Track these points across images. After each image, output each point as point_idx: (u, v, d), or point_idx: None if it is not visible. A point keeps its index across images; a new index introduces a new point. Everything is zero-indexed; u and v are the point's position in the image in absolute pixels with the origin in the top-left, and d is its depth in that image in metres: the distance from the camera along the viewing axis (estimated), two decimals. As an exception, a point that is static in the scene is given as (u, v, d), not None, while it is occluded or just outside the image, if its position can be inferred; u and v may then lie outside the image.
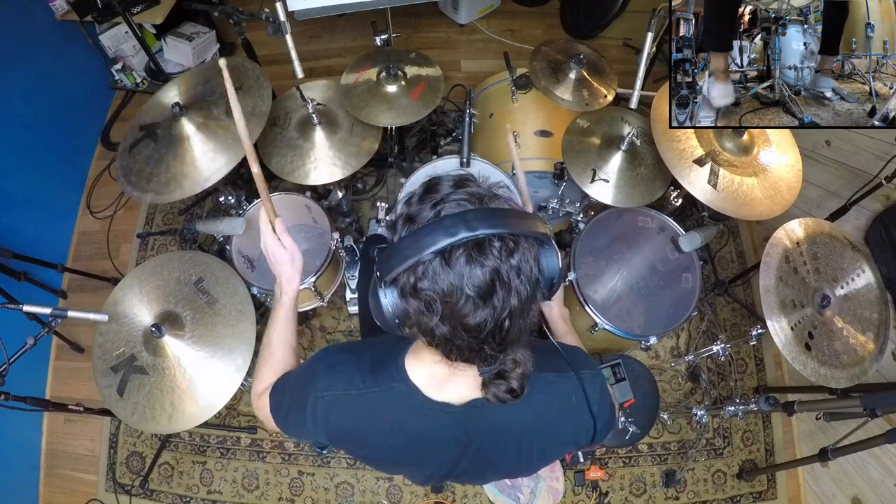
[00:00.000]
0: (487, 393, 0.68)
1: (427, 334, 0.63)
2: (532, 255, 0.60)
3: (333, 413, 0.77)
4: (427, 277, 0.57)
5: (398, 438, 0.77)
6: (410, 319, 0.62)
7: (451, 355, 0.65)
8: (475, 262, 0.56)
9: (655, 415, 1.66)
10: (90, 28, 2.46)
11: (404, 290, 0.60)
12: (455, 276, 0.56)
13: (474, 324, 0.58)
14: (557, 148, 1.71)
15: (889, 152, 1.66)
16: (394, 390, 0.74)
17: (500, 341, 0.62)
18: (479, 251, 0.56)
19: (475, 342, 0.61)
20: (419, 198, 0.64)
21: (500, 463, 0.83)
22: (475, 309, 0.57)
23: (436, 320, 0.59)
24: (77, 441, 2.05)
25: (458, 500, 1.90)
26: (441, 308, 0.58)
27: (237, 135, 1.50)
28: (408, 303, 0.61)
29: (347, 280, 2.01)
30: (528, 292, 0.60)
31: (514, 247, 0.58)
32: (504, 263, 0.57)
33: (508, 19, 3.09)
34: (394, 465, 0.88)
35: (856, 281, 1.46)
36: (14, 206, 2.09)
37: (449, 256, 0.56)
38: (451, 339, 0.61)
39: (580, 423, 0.79)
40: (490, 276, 0.56)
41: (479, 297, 0.57)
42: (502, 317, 0.59)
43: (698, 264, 1.65)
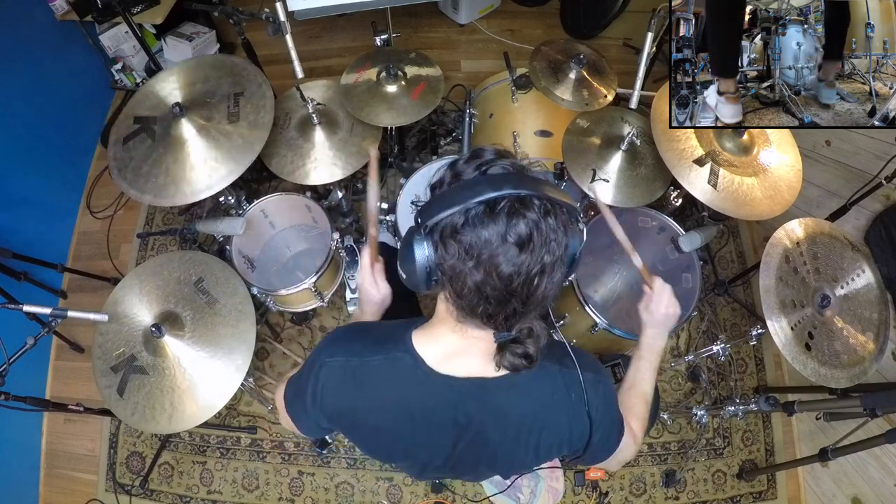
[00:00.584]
0: (502, 360, 0.69)
1: (458, 281, 0.64)
2: (563, 223, 0.63)
3: (333, 380, 0.76)
4: (470, 223, 0.60)
5: (398, 415, 0.77)
6: (445, 265, 0.64)
7: (476, 308, 0.66)
8: (517, 214, 0.59)
9: (655, 415, 1.66)
10: (90, 28, 2.46)
11: (444, 235, 0.62)
12: (498, 224, 0.59)
13: (508, 272, 0.60)
14: (557, 148, 1.71)
15: (889, 152, 1.66)
16: (398, 359, 0.74)
17: (528, 296, 0.63)
18: (521, 205, 0.60)
19: (505, 291, 0.62)
20: (465, 161, 0.67)
21: (497, 450, 0.82)
22: (511, 257, 0.60)
23: (470, 265, 0.61)
24: (77, 441, 2.05)
25: (458, 500, 1.90)
26: (479, 252, 0.60)
27: (240, 144, 1.52)
28: (446, 248, 0.63)
29: (347, 280, 2.01)
30: (559, 253, 0.63)
31: (550, 209, 0.62)
32: (543, 220, 0.60)
33: (508, 19, 3.09)
34: (390, 448, 0.87)
35: (856, 281, 1.46)
36: (14, 206, 2.09)
37: (494, 206, 0.59)
38: (482, 287, 0.62)
39: (576, 421, 0.79)
40: (529, 228, 0.60)
41: (517, 244, 0.60)
42: (534, 270, 0.61)
43: (698, 264, 1.65)
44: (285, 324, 2.16)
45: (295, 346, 2.13)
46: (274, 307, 1.87)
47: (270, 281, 1.97)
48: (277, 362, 2.11)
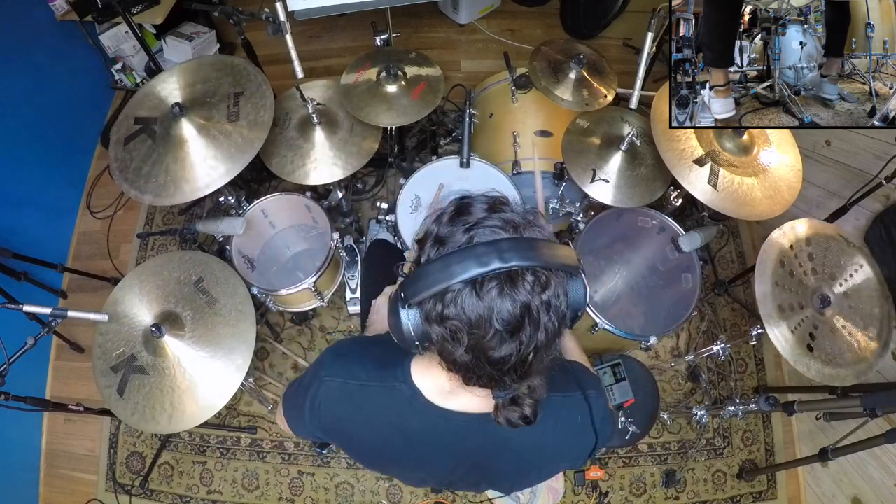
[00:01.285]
0: (500, 416, 0.67)
1: (448, 360, 0.62)
2: (563, 289, 0.59)
3: (330, 399, 0.76)
4: (455, 305, 0.56)
5: (394, 437, 0.77)
6: (433, 343, 0.62)
7: (468, 381, 0.64)
8: (506, 296, 0.55)
9: (655, 415, 1.66)
10: (90, 28, 2.46)
11: (429, 316, 0.59)
12: (484, 308, 0.55)
13: (499, 357, 0.58)
14: (557, 148, 1.71)
15: (889, 152, 1.66)
16: (395, 389, 0.74)
17: (522, 374, 0.61)
18: (511, 284, 0.55)
19: (497, 373, 0.60)
20: (450, 218, 0.62)
21: (498, 478, 0.82)
22: (501, 343, 0.56)
23: (460, 350, 0.59)
24: (77, 441, 2.05)
25: (458, 500, 1.90)
26: (467, 339, 0.57)
27: (240, 143, 1.52)
28: (431, 328, 0.60)
29: (347, 280, 2.01)
30: (555, 328, 0.59)
31: (546, 281, 0.57)
32: (535, 298, 0.56)
33: (508, 19, 3.09)
34: (385, 465, 0.87)
35: (854, 277, 1.46)
36: (14, 206, 2.09)
37: (480, 287, 0.55)
38: (473, 368, 0.60)
39: (582, 443, 0.79)
40: (521, 311, 0.55)
41: (507, 331, 0.56)
42: (528, 352, 0.58)
43: (698, 264, 1.65)
44: (285, 324, 2.16)
45: (295, 346, 2.13)
46: (274, 307, 1.87)
47: (270, 281, 1.97)
48: (277, 362, 2.11)
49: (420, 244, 0.64)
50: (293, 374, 2.09)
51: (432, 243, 0.62)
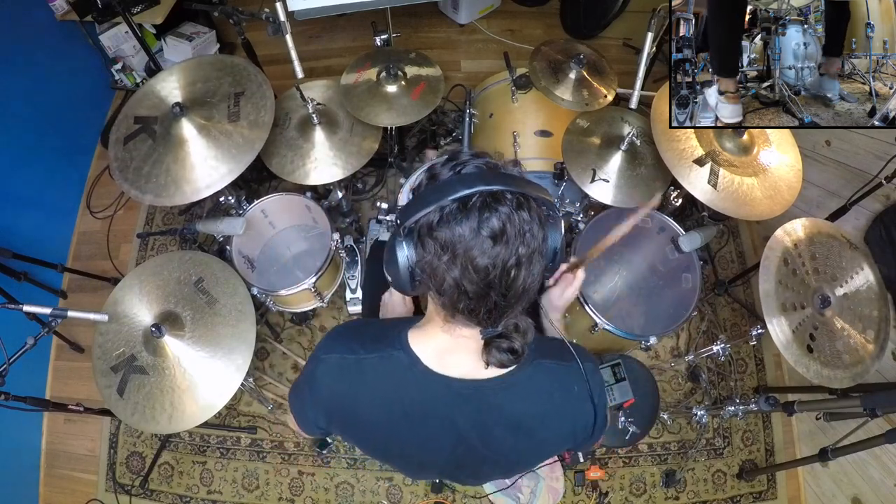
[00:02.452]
0: (489, 356, 0.69)
1: (437, 277, 0.65)
2: (539, 216, 0.65)
3: (328, 376, 0.77)
4: (444, 221, 0.62)
5: (394, 411, 0.77)
6: (423, 262, 0.65)
7: (458, 304, 0.66)
8: (490, 208, 0.61)
9: (655, 415, 1.66)
10: (90, 28, 2.46)
11: (421, 234, 0.64)
12: (471, 219, 0.61)
13: (483, 265, 0.62)
14: (557, 148, 1.71)
15: (889, 152, 1.66)
16: (393, 357, 0.75)
17: (506, 289, 0.64)
18: (493, 199, 0.61)
19: (482, 285, 0.63)
20: (441, 164, 0.69)
21: (499, 453, 0.81)
22: (486, 249, 0.61)
23: (446, 260, 0.63)
24: (77, 441, 2.05)
25: (458, 500, 1.90)
26: (454, 247, 0.62)
27: (240, 143, 1.52)
28: (424, 246, 0.64)
29: (347, 280, 2.01)
30: (534, 245, 0.64)
31: (523, 202, 0.63)
32: (515, 213, 0.62)
33: (508, 19, 3.09)
34: (386, 446, 0.86)
35: (854, 279, 1.46)
36: (14, 206, 2.09)
37: (466, 202, 0.61)
38: (460, 281, 0.63)
39: (580, 414, 0.79)
40: (502, 220, 0.61)
41: (490, 237, 0.61)
42: (510, 262, 0.62)
43: (698, 264, 1.65)
44: (285, 324, 2.16)
45: (295, 346, 2.13)
46: (274, 307, 1.87)
47: (270, 281, 1.97)
48: (277, 362, 2.11)
49: (416, 190, 0.70)
50: (293, 374, 2.09)
51: (426, 180, 0.69)
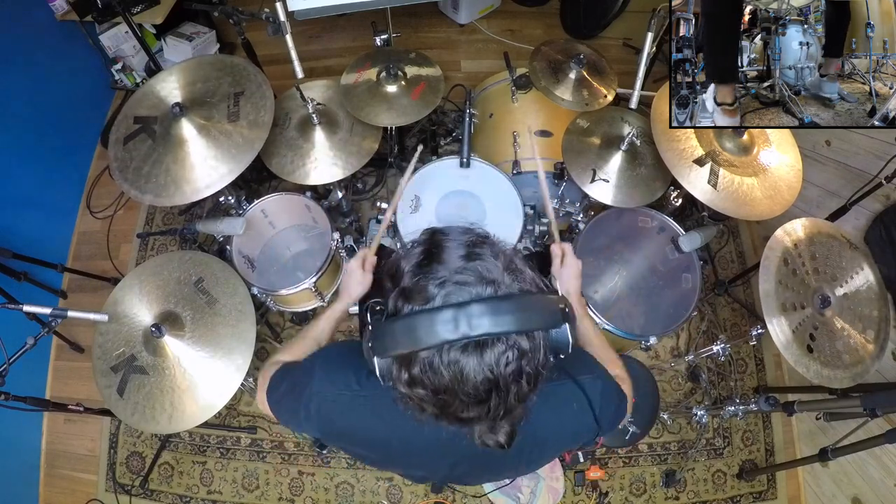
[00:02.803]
0: (475, 437, 0.65)
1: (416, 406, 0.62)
2: (542, 345, 0.57)
3: (326, 411, 0.77)
4: (421, 371, 0.55)
5: (391, 442, 0.77)
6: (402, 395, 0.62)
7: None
8: (474, 367, 0.53)
9: (655, 415, 1.66)
10: (90, 28, 2.46)
11: (398, 370, 0.59)
12: (449, 378, 0.54)
13: (466, 417, 0.58)
14: (557, 148, 1.71)
15: (889, 152, 1.66)
16: (387, 394, 0.73)
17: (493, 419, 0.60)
18: (479, 354, 0.53)
19: (464, 427, 0.62)
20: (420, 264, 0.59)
21: (498, 469, 0.82)
22: (467, 408, 0.56)
23: (428, 409, 0.59)
24: (77, 441, 2.05)
25: (458, 500, 1.90)
26: (433, 400, 0.57)
27: (240, 143, 1.52)
28: (399, 382, 0.59)
29: (347, 280, 2.00)
30: (528, 389, 0.57)
31: (519, 347, 0.54)
32: (505, 369, 0.54)
33: (508, 19, 3.09)
34: (386, 466, 0.88)
35: (854, 279, 1.46)
36: (14, 206, 2.09)
37: (447, 353, 0.53)
38: (440, 418, 0.60)
39: (582, 426, 0.78)
40: (487, 385, 0.54)
41: (476, 402, 0.55)
42: (498, 414, 0.58)
43: (698, 264, 1.65)
44: (285, 324, 2.16)
45: (295, 346, 2.13)
46: (274, 307, 1.87)
47: (270, 281, 1.97)
48: (277, 362, 2.11)
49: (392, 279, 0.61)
50: (293, 374, 2.08)
51: (398, 295, 0.58)
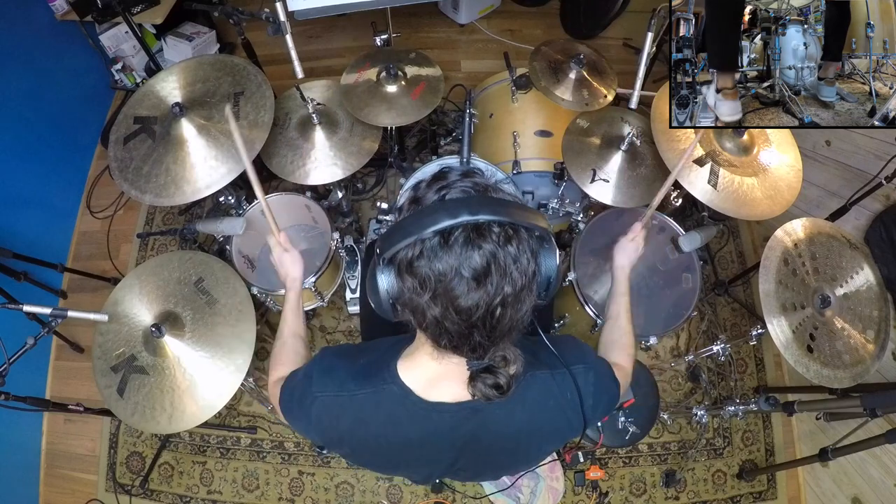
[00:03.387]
0: (474, 389, 0.67)
1: (418, 314, 0.63)
2: (529, 247, 0.61)
3: (326, 414, 0.77)
4: (424, 255, 0.58)
5: (391, 441, 0.77)
6: (403, 297, 0.63)
7: (440, 341, 0.65)
8: (473, 245, 0.57)
9: (655, 415, 1.66)
10: (90, 28, 2.46)
11: (401, 267, 0.61)
12: (452, 257, 0.57)
13: (466, 306, 0.59)
14: (557, 148, 1.71)
15: (889, 152, 1.66)
16: (385, 391, 0.74)
17: (490, 329, 0.62)
18: (477, 234, 0.57)
19: (465, 326, 0.61)
20: (427, 184, 0.66)
21: (498, 461, 0.83)
22: (468, 291, 0.58)
23: (427, 298, 0.60)
24: (77, 441, 2.05)
25: (458, 500, 1.90)
26: (434, 286, 0.59)
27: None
28: (403, 281, 0.62)
29: (347, 280, 2.01)
30: (522, 282, 0.60)
31: (512, 234, 0.59)
32: (501, 249, 0.58)
33: (508, 19, 3.09)
34: (389, 467, 0.89)
35: (855, 279, 1.46)
36: (14, 206, 2.09)
37: (448, 236, 0.57)
38: (441, 321, 0.61)
39: (576, 416, 0.79)
40: (486, 259, 0.57)
41: (474, 278, 0.58)
42: (494, 302, 0.59)
43: (698, 264, 1.65)
44: (285, 324, 2.16)
45: (295, 346, 2.13)
46: (274, 307, 1.87)
47: (270, 281, 1.96)
48: (277, 362, 2.11)
49: (399, 211, 0.68)
50: (293, 374, 2.09)
51: (409, 205, 0.66)
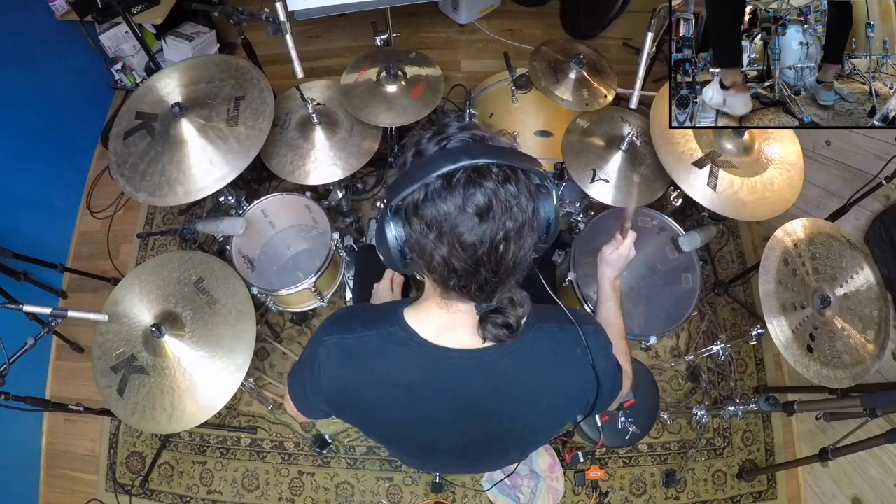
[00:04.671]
0: (484, 332, 0.69)
1: (426, 256, 0.64)
2: (527, 188, 0.63)
3: (330, 359, 0.77)
4: (429, 198, 0.61)
5: (395, 387, 0.77)
6: (411, 242, 0.65)
7: (448, 282, 0.66)
8: (474, 184, 0.60)
9: (655, 415, 1.66)
10: (90, 28, 2.46)
11: (407, 212, 0.63)
12: (456, 196, 0.60)
13: (471, 241, 0.61)
14: (557, 148, 1.71)
15: (889, 152, 1.66)
16: (391, 333, 0.75)
17: (496, 264, 0.64)
18: (478, 174, 0.60)
19: (471, 262, 0.63)
20: (427, 139, 0.68)
21: (506, 423, 0.81)
22: (472, 226, 0.61)
23: (433, 238, 0.62)
24: (77, 441, 2.05)
25: (458, 500, 1.90)
26: (440, 225, 0.61)
27: (236, 148, 1.52)
28: (410, 225, 0.64)
29: (347, 280, 2.01)
30: (523, 218, 0.63)
31: (510, 174, 0.62)
32: (501, 187, 0.61)
33: (508, 19, 3.09)
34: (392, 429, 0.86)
35: (855, 279, 1.46)
36: (14, 206, 2.09)
37: (451, 178, 0.60)
38: (449, 259, 0.63)
39: (586, 376, 0.78)
40: (488, 196, 0.60)
41: (477, 214, 0.60)
42: (498, 237, 0.61)
43: (698, 264, 1.65)
44: (285, 324, 2.16)
45: (295, 346, 2.13)
46: (274, 307, 1.87)
47: (270, 281, 1.97)
48: (277, 362, 2.11)
49: (402, 165, 0.70)
50: (293, 374, 2.09)
51: (412, 157, 0.68)
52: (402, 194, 0.63)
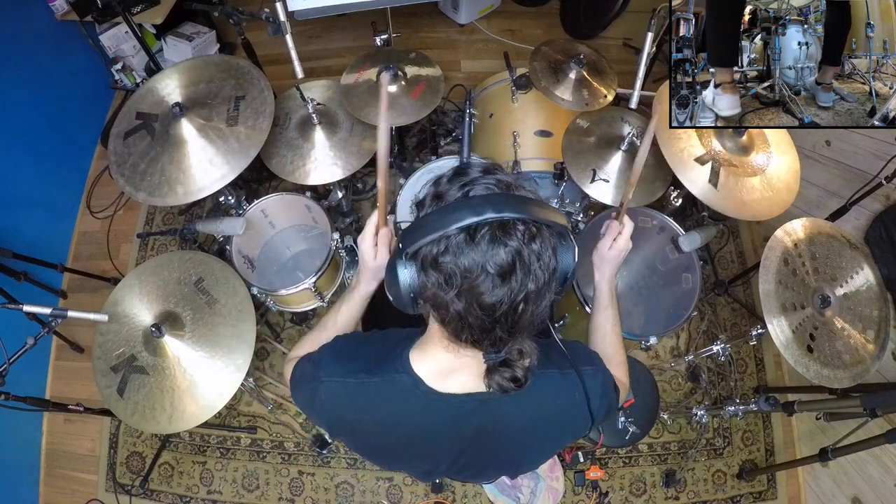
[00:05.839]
0: (491, 381, 0.68)
1: (441, 309, 0.63)
2: (551, 244, 0.62)
3: (333, 399, 0.77)
4: (450, 251, 0.59)
5: (398, 431, 0.77)
6: (427, 292, 0.63)
7: (460, 335, 0.65)
8: (499, 242, 0.57)
9: (655, 415, 1.66)
10: (90, 28, 2.46)
11: (425, 262, 0.61)
12: (478, 253, 0.58)
13: (490, 302, 0.59)
14: (557, 148, 1.71)
15: (889, 152, 1.66)
16: (396, 381, 0.74)
17: (512, 324, 0.62)
18: (503, 231, 0.58)
19: (488, 321, 0.61)
20: (448, 179, 0.66)
21: (501, 458, 0.83)
22: (493, 287, 0.58)
23: (452, 294, 0.60)
24: (77, 441, 2.05)
25: (458, 500, 1.90)
26: (460, 282, 0.59)
27: (236, 148, 1.52)
28: (427, 276, 0.62)
29: (347, 280, 2.01)
30: (545, 278, 0.61)
31: (536, 233, 0.60)
32: (526, 247, 0.58)
33: (508, 19, 3.09)
34: (392, 460, 0.88)
35: (855, 279, 1.46)
36: (14, 206, 2.09)
37: (474, 233, 0.58)
38: (465, 316, 0.61)
39: (581, 417, 0.80)
40: (512, 256, 0.58)
41: (499, 275, 0.58)
42: (518, 299, 0.59)
43: (698, 264, 1.65)
44: (285, 324, 2.16)
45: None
46: (274, 307, 1.87)
47: (270, 281, 1.97)
48: (277, 362, 2.11)
49: (419, 206, 0.68)
50: (293, 374, 2.09)
51: (431, 200, 0.66)
52: (421, 243, 0.60)
